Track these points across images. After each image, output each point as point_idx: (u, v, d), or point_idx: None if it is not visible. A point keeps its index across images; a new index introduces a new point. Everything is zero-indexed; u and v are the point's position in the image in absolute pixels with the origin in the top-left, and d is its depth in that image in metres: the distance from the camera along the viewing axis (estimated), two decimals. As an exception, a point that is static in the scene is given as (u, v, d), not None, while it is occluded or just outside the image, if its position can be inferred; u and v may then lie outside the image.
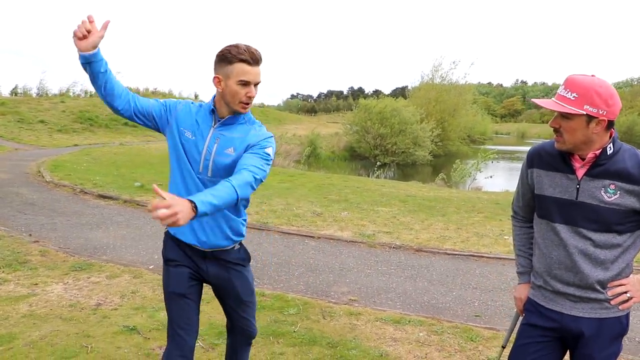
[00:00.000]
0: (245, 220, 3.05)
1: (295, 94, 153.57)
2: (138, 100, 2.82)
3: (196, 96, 51.14)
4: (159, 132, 2.92)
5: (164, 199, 2.11)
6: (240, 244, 3.06)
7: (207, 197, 2.30)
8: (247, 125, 2.87)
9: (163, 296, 3.00)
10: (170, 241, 2.99)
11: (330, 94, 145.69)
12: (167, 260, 2.99)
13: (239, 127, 2.85)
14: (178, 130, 2.83)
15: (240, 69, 2.66)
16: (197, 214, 2.22)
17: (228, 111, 2.80)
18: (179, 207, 2.13)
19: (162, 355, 3.06)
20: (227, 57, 2.66)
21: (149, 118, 2.85)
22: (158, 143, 25.61)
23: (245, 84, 2.68)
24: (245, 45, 2.67)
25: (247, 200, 3.04)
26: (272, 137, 2.87)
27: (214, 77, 2.74)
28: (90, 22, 2.52)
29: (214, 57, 2.74)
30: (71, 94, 35.38)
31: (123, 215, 9.62)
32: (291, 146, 29.30)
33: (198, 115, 2.85)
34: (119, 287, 5.83)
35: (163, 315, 5.04)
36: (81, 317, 4.98)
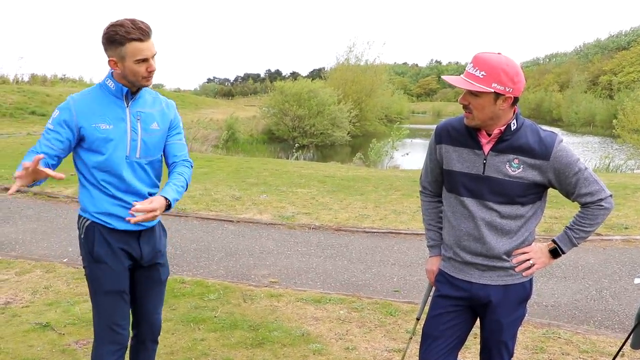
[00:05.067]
0: None
1: (211, 78, 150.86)
2: (59, 153, 2.65)
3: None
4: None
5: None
6: None
7: (174, 194, 2.74)
8: (149, 94, 2.87)
9: (92, 293, 2.84)
10: (99, 235, 2.77)
11: (247, 77, 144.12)
12: (98, 257, 2.76)
13: (147, 99, 2.85)
14: (90, 129, 2.65)
15: (134, 49, 2.54)
16: (169, 208, 2.68)
17: (132, 87, 2.71)
18: (157, 204, 2.58)
19: (91, 353, 2.91)
20: (116, 39, 2.54)
21: (69, 150, 2.71)
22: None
23: (143, 61, 2.58)
24: (129, 21, 2.54)
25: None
26: (175, 105, 3.03)
27: (109, 60, 2.62)
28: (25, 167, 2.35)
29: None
30: (-31, 81, 33.18)
31: (33, 208, 9.18)
32: (208, 131, 28.72)
33: (102, 101, 2.70)
34: (30, 283, 5.57)
35: (79, 310, 4.88)
36: (-12, 317, 4.73)
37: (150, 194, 2.85)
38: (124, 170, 2.73)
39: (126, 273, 2.84)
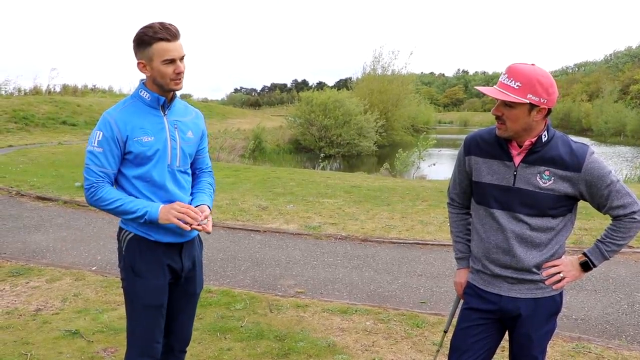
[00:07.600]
0: None
1: (238, 88, 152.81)
2: (115, 174, 2.74)
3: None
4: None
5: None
6: None
7: (209, 200, 2.95)
8: (180, 103, 2.90)
9: (129, 305, 2.85)
10: (141, 249, 2.77)
11: (274, 87, 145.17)
12: (139, 271, 2.76)
13: (180, 108, 2.89)
14: (133, 142, 2.65)
15: (161, 49, 2.56)
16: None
17: (163, 93, 2.71)
18: (207, 211, 2.80)
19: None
20: (144, 40, 2.56)
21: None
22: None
23: (170, 62, 2.59)
24: (158, 23, 2.58)
25: None
26: (203, 116, 3.11)
27: (138, 63, 2.63)
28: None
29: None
30: (3, 92, 33.69)
31: (63, 217, 9.33)
32: (235, 141, 28.90)
33: (140, 113, 2.70)
34: (60, 291, 5.65)
35: (107, 317, 4.93)
36: (19, 324, 4.79)
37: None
38: (167, 180, 2.76)
39: (166, 288, 2.83)
